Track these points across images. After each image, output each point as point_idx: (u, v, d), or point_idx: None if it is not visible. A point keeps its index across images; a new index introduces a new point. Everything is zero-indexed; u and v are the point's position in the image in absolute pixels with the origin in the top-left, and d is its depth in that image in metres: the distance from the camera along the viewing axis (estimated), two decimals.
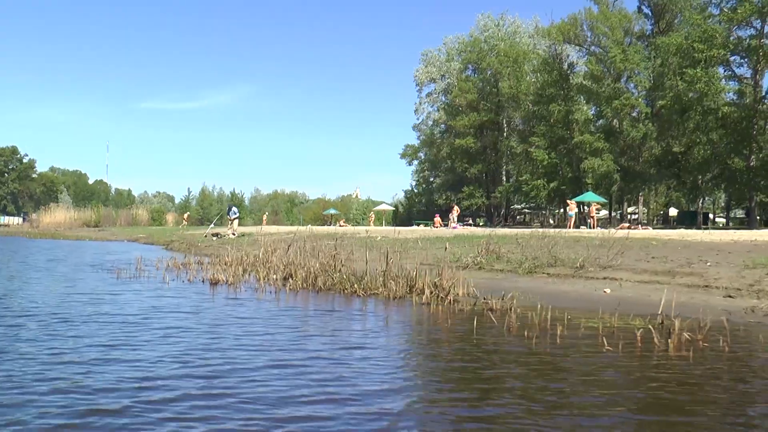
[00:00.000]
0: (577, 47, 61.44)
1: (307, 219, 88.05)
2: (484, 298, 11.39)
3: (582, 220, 50.77)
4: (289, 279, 14.78)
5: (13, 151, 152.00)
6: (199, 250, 29.53)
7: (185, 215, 78.41)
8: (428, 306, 11.52)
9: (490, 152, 75.25)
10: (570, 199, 48.32)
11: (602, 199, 51.87)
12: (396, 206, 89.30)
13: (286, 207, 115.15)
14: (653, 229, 36.90)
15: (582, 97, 61.72)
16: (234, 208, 37.25)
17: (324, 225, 75.53)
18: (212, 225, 47.31)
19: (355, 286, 12.99)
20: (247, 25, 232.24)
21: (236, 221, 36.95)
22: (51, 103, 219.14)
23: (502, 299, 11.14)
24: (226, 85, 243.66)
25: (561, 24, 60.02)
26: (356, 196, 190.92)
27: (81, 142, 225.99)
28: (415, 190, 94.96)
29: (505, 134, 75.21)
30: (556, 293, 12.51)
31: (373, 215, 73.91)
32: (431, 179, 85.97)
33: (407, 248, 20.03)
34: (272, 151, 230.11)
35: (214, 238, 33.44)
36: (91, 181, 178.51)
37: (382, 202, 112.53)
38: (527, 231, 31.14)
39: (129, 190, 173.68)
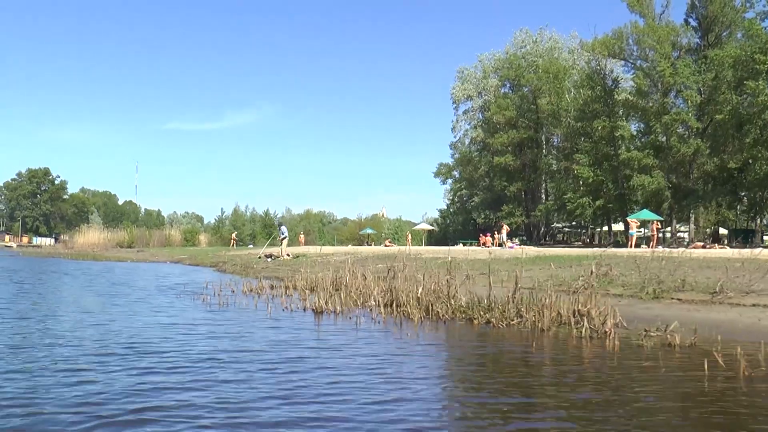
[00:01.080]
0: (622, 62, 59.84)
1: (342, 239, 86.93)
2: (647, 330, 9.93)
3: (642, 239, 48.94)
4: (393, 306, 13.42)
5: (46, 172, 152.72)
6: (257, 272, 28.27)
7: (233, 235, 77.36)
8: (589, 341, 10.02)
9: (529, 170, 73.74)
10: (630, 217, 46.74)
11: (659, 217, 50.07)
12: (434, 225, 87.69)
13: (318, 227, 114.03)
14: (728, 248, 35.08)
15: (627, 112, 60.24)
16: (283, 227, 35.97)
17: (360, 245, 74.31)
18: (266, 245, 45.90)
19: (486, 315, 11.52)
20: (268, 45, 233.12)
21: (285, 241, 35.72)
22: (77, 124, 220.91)
23: (665, 331, 9.70)
24: (249, 105, 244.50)
25: (605, 38, 58.53)
26: (383, 215, 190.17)
27: (109, 163, 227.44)
28: (450, 209, 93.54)
29: (544, 152, 73.72)
30: (714, 323, 10.96)
31: (410, 235, 72.45)
32: (467, 198, 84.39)
33: (480, 270, 18.59)
34: (295, 170, 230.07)
35: (269, 260, 32.20)
36: (120, 202, 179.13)
37: (409, 221, 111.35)
38: (591, 251, 29.63)
39: (158, 210, 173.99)
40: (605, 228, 69.94)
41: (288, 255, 33.28)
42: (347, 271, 18.87)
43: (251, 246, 65.94)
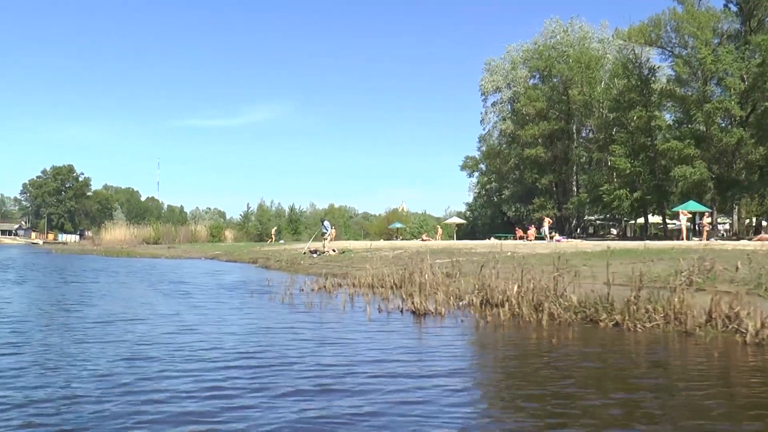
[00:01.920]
0: (657, 50, 58.18)
1: (371, 233, 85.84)
2: None
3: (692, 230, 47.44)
4: (488, 305, 12.32)
5: (70, 169, 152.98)
6: (305, 269, 27.24)
7: (272, 231, 76.47)
8: (759, 347, 8.73)
9: (560, 162, 72.33)
10: (678, 208, 45.38)
11: (706, 208, 48.58)
12: (465, 219, 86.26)
13: (343, 221, 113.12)
14: None
15: (661, 101, 58.66)
16: (326, 222, 34.90)
17: (389, 239, 73.29)
18: (310, 241, 44.56)
19: (614, 316, 10.33)
20: (286, 41, 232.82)
21: (328, 236, 34.67)
22: (99, 122, 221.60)
23: None
24: (267, 101, 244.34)
25: (641, 26, 57.00)
26: (403, 209, 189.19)
27: (131, 159, 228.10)
28: (477, 203, 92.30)
29: (575, 143, 72.26)
30: None
31: (440, 229, 71.21)
32: (496, 191, 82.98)
33: (548, 264, 17.42)
34: (313, 165, 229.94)
35: (314, 256, 31.16)
36: (143, 198, 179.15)
37: (430, 215, 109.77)
38: (654, 244, 28.43)
39: (181, 206, 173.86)
40: (639, 220, 68.52)
41: (333, 250, 32.26)
42: (415, 266, 17.79)
43: (282, 242, 64.92)
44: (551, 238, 44.98)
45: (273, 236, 72.39)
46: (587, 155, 71.34)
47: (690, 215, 41.71)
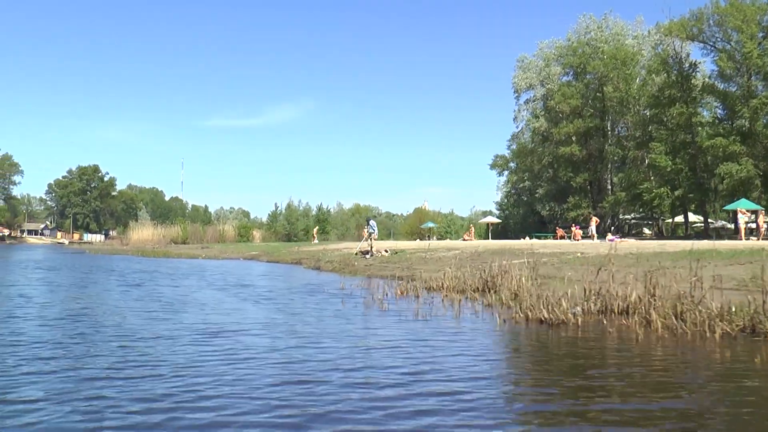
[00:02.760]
0: (701, 44, 56.62)
1: (403, 232, 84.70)
2: None
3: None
4: (607, 313, 11.23)
5: (95, 169, 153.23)
6: (361, 270, 26.20)
7: (315, 230, 75.55)
8: None
9: (595, 160, 70.95)
10: (731, 206, 43.92)
11: (759, 207, 47.02)
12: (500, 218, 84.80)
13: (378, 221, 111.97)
14: None
15: (703, 97, 57.19)
16: (372, 222, 33.84)
17: (422, 239, 72.19)
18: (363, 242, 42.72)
19: None
20: (308, 40, 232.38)
21: (374, 236, 33.62)
22: (123, 122, 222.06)
23: None
24: (287, 101, 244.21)
25: (682, 20, 55.60)
26: (425, 208, 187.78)
27: (155, 159, 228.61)
28: (508, 202, 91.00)
29: (609, 141, 70.82)
30: None
31: (473, 228, 69.93)
32: (529, 190, 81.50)
33: (631, 265, 16.23)
34: (335, 164, 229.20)
35: (367, 257, 30.14)
36: (167, 198, 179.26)
37: (456, 215, 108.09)
38: (732, 244, 27.17)
39: (205, 206, 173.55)
40: (677, 219, 67.00)
41: (386, 251, 31.22)
42: (497, 268, 16.77)
43: (316, 242, 63.96)
44: (592, 238, 43.69)
45: (315, 236, 71.38)
46: (622, 153, 69.87)
47: (749, 214, 40.22)
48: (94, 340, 9.38)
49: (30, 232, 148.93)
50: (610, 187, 71.69)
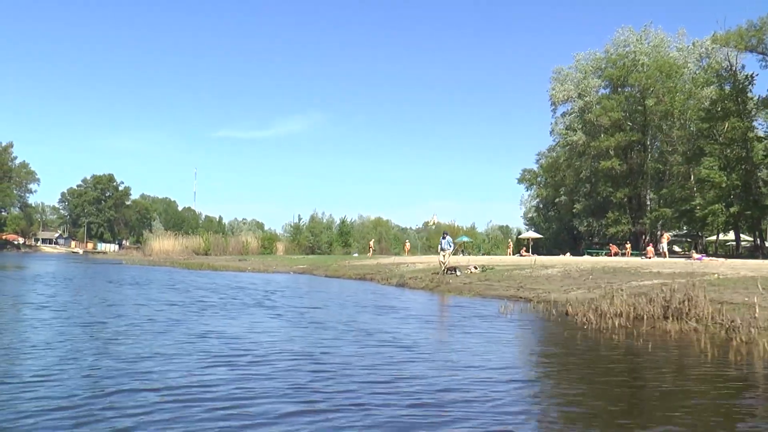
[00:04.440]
0: (760, 56, 54.05)
1: (430, 245, 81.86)
2: None
3: None
4: None
5: (110, 179, 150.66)
6: (458, 289, 23.51)
7: (371, 242, 72.89)
8: None
9: (636, 175, 68.35)
10: None
11: None
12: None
13: (394, 235, 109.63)
14: None
15: (760, 110, 54.68)
16: (448, 237, 31.01)
17: (455, 254, 69.51)
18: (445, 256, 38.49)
19: None
20: (318, 53, 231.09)
21: (449, 252, 30.91)
22: (135, 132, 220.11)
23: None
24: (298, 113, 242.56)
25: (740, 30, 53.11)
26: (434, 223, 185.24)
27: (167, 169, 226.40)
28: (541, 216, 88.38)
29: (649, 156, 68.25)
30: None
31: (511, 243, 67.29)
32: (565, 204, 78.63)
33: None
34: (346, 177, 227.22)
35: (458, 273, 27.39)
36: (179, 208, 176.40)
37: (465, 228, 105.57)
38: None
39: (220, 217, 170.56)
40: (722, 236, 64.41)
41: (475, 267, 28.52)
42: (667, 290, 14.21)
43: (356, 255, 61.26)
44: (664, 255, 41.05)
45: (372, 248, 68.71)
46: (663, 168, 67.33)
47: None
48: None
49: (44, 240, 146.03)
50: (648, 203, 69.00)
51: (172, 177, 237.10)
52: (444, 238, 29.87)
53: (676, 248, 72.48)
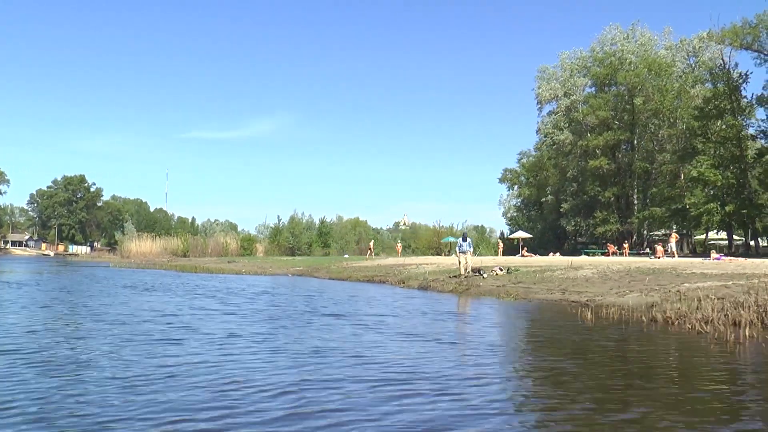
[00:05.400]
0: (755, 53, 53.10)
1: (420, 247, 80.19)
2: None
3: None
4: None
5: (81, 179, 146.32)
6: (488, 292, 21.64)
7: (371, 244, 70.73)
8: None
9: (623, 174, 67.24)
10: None
11: None
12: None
13: (374, 235, 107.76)
14: None
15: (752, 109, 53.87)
16: (469, 239, 28.83)
17: (438, 255, 68.05)
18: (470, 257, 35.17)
19: None
20: (288, 53, 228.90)
21: (469, 254, 28.87)
22: (105, 133, 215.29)
23: None
24: (265, 114, 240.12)
25: (734, 28, 52.09)
26: (404, 223, 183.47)
27: (137, 170, 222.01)
28: (519, 216, 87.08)
29: (638, 154, 67.17)
30: None
31: (502, 244, 65.78)
32: (552, 204, 77.30)
33: None
34: (317, 177, 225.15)
35: (484, 275, 25.47)
36: (151, 209, 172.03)
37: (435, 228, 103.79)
38: None
39: (193, 218, 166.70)
40: (715, 235, 63.58)
41: (501, 269, 26.64)
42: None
43: (346, 256, 59.18)
44: (674, 255, 39.68)
45: (372, 249, 66.67)
46: (650, 167, 66.31)
47: None
48: None
49: (14, 243, 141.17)
50: (635, 202, 67.94)
51: (143, 178, 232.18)
52: (464, 240, 27.98)
53: (658, 248, 71.52)
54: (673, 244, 40.19)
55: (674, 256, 39.03)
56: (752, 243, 55.96)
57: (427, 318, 15.67)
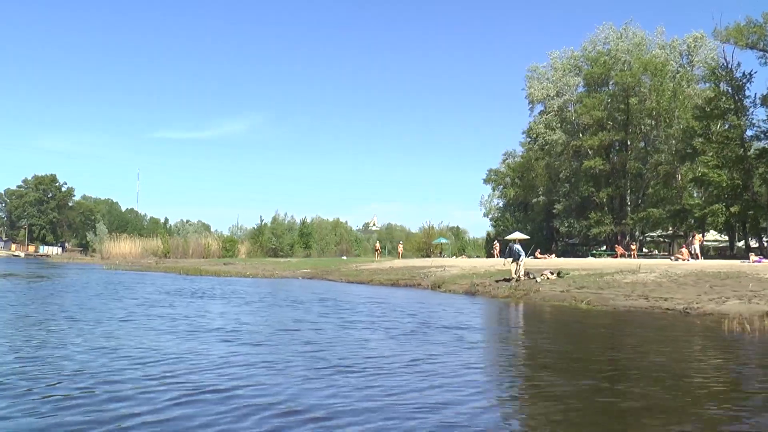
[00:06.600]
0: (760, 53, 51.64)
1: (411, 249, 77.71)
2: None
3: None
4: None
5: (52, 179, 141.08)
6: (550, 298, 19.26)
7: (377, 245, 68.00)
8: None
9: (618, 174, 65.54)
10: None
11: None
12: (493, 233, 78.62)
13: (355, 237, 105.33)
14: None
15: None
16: (517, 246, 26.01)
17: (428, 256, 65.86)
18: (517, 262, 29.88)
19: None
20: (258, 53, 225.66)
21: (521, 260, 26.13)
22: (73, 133, 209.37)
23: None
24: (234, 114, 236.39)
25: (738, 27, 50.60)
26: (374, 224, 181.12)
27: (106, 170, 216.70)
28: (507, 217, 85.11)
29: (631, 154, 65.49)
30: None
31: (498, 245, 63.56)
32: (544, 205, 75.33)
33: None
34: (290, 177, 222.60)
35: (537, 279, 23.01)
36: (122, 210, 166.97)
37: (404, 228, 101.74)
38: None
39: (165, 218, 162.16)
40: (711, 236, 62.09)
41: (552, 273, 24.27)
42: None
43: (344, 257, 56.52)
44: (697, 257, 37.79)
45: (379, 250, 64.08)
46: (644, 168, 64.74)
47: None
48: None
49: None
50: (628, 202, 66.34)
51: (113, 178, 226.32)
52: (515, 243, 25.61)
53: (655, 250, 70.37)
54: (697, 246, 38.32)
55: (698, 258, 37.13)
56: (754, 244, 54.51)
57: (538, 331, 13.12)
